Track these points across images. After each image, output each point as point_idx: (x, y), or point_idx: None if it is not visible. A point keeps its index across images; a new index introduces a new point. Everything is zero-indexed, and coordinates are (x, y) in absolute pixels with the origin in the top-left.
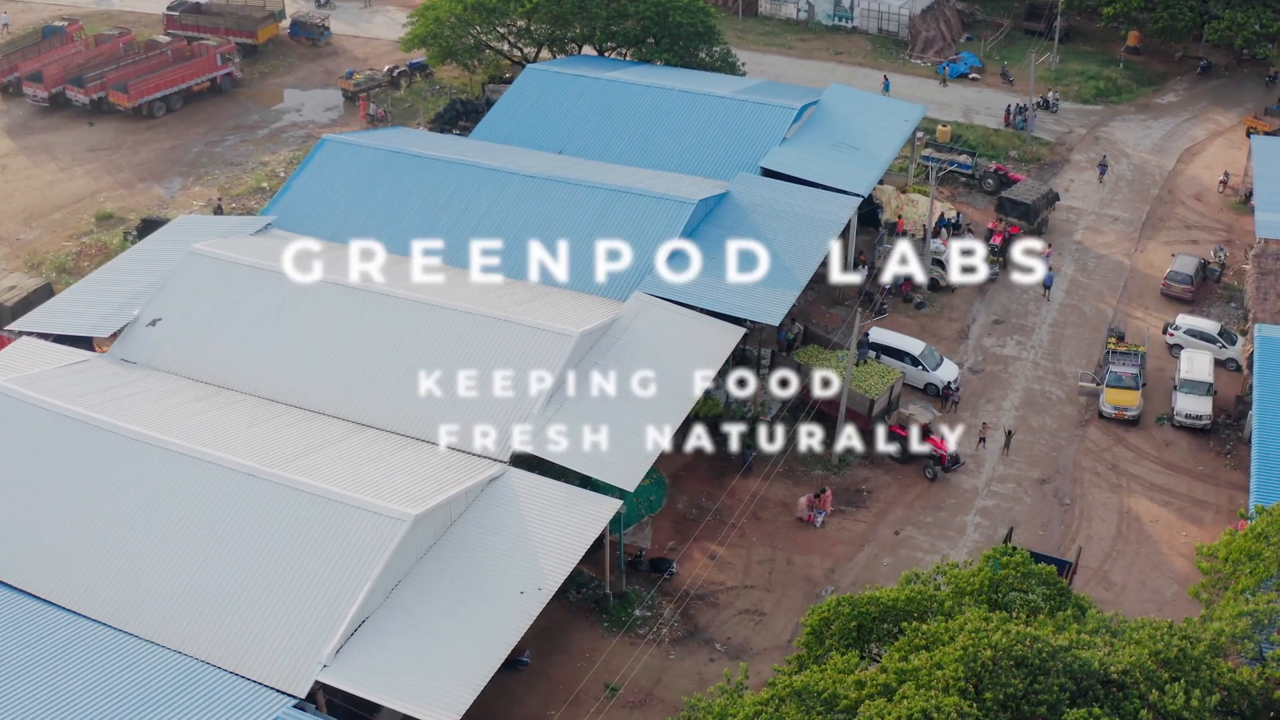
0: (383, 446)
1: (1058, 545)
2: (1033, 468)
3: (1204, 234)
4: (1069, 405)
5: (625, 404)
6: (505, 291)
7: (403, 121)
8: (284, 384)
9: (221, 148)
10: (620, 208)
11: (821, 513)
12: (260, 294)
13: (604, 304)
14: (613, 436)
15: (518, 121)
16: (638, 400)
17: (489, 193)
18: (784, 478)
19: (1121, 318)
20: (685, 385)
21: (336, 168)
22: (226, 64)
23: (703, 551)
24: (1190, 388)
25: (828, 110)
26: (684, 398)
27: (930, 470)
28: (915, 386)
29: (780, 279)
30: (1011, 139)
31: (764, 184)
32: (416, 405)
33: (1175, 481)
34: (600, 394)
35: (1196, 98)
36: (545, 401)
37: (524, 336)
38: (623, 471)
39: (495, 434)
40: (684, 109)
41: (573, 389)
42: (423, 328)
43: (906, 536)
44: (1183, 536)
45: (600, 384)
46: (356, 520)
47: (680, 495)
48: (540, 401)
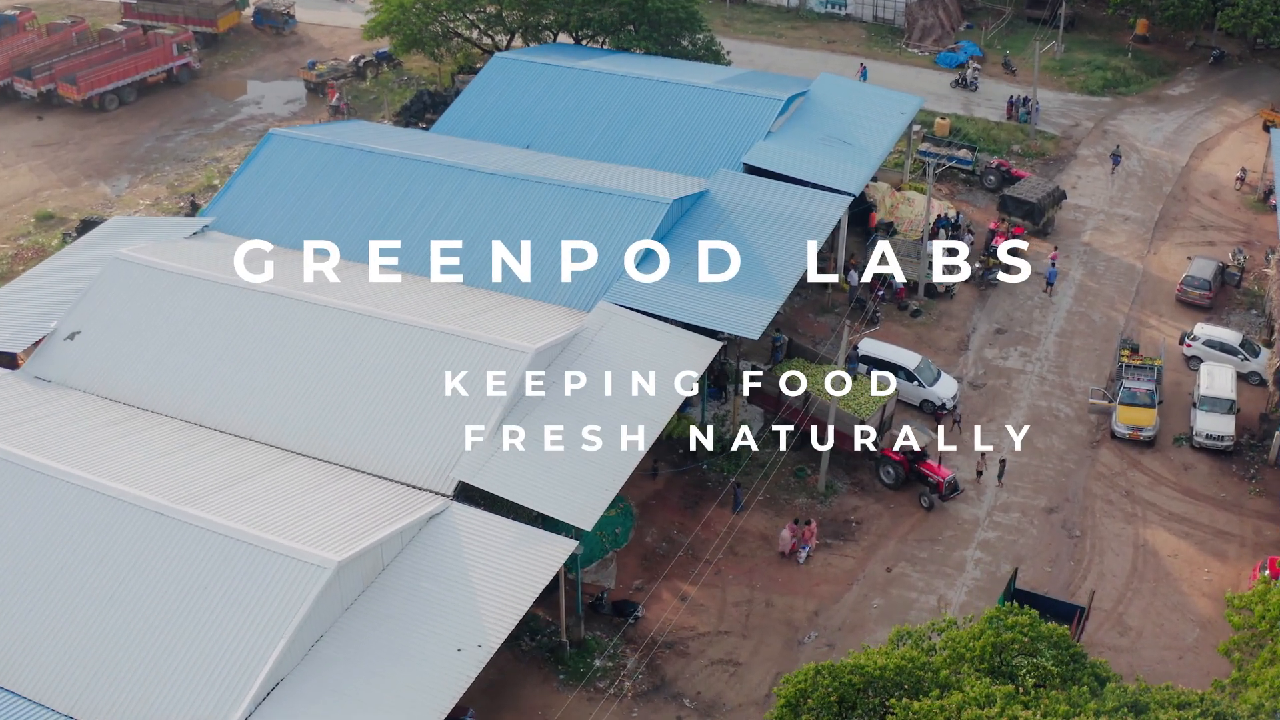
0: (313, 477)
1: (1067, 584)
2: (1039, 495)
3: (1221, 235)
4: (1078, 424)
5: (585, 429)
6: (458, 301)
7: (367, 114)
8: (209, 406)
9: (174, 143)
10: (587, 208)
11: (806, 547)
12: (187, 304)
13: (566, 315)
14: (570, 467)
15: (483, 114)
16: (600, 424)
17: (445, 192)
18: (764, 507)
19: (1134, 326)
20: (654, 407)
21: (283, 164)
22: (183, 54)
23: (673, 592)
24: (1211, 405)
25: (817, 102)
26: (652, 421)
27: (926, 499)
28: (910, 404)
29: (761, 286)
30: (1014, 132)
31: (746, 181)
32: (353, 430)
33: (1195, 510)
34: (557, 418)
35: (1209, 89)
36: (495, 427)
37: (474, 352)
38: (580, 507)
39: (438, 463)
40: (661, 100)
41: (526, 412)
42: (364, 342)
43: (900, 574)
44: (1204, 574)
45: (558, 406)
46: (272, 567)
47: (649, 527)
48: (489, 427)
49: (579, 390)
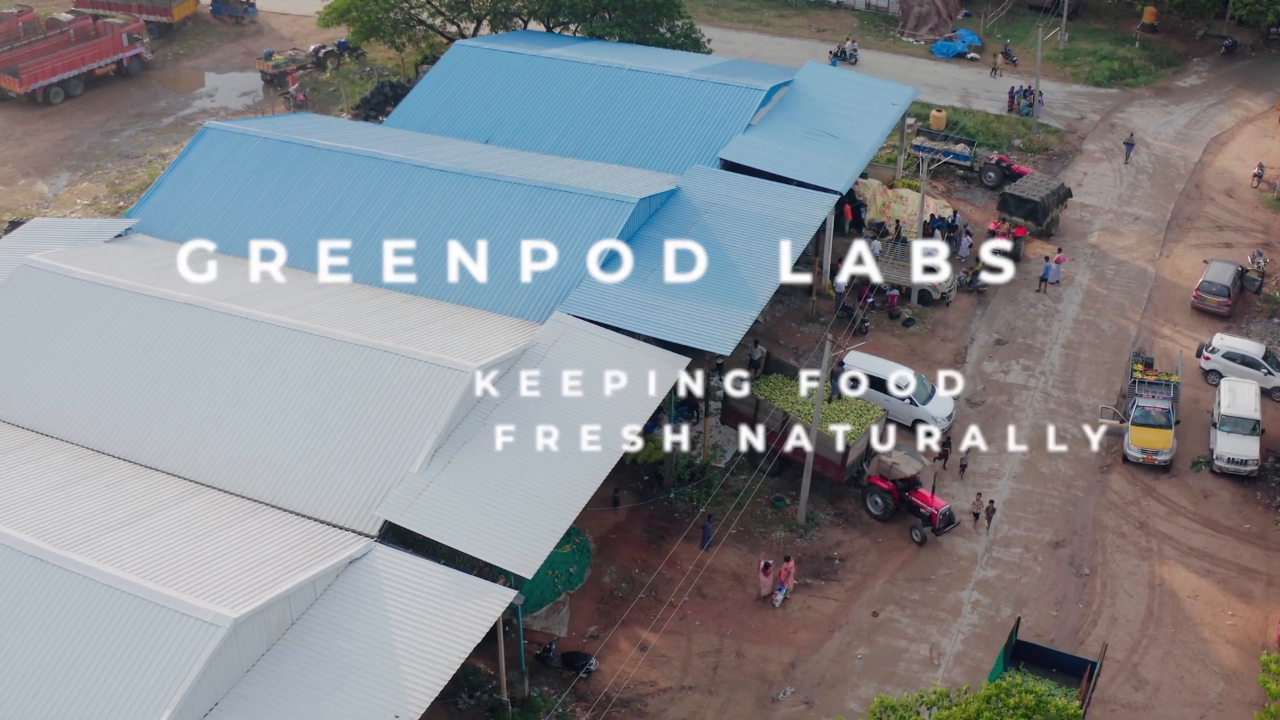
0: (222, 515)
1: (1075, 629)
2: (1043, 527)
3: (1238, 236)
4: (1087, 446)
5: (532, 459)
6: (399, 312)
7: (326, 107)
8: (114, 431)
9: (119, 138)
10: (545, 208)
11: (782, 588)
12: (97, 316)
13: (518, 327)
14: (513, 503)
15: (440, 106)
16: (548, 454)
17: (391, 191)
18: (737, 541)
19: (1147, 337)
20: (611, 433)
21: (217, 161)
22: (134, 44)
23: (631, 640)
24: (1233, 425)
25: (802, 92)
26: (607, 449)
27: (918, 533)
28: (902, 424)
29: (736, 295)
30: (1016, 126)
31: (722, 179)
32: (271, 460)
33: (1217, 544)
34: (501, 447)
35: (1222, 80)
36: (428, 457)
37: (409, 372)
38: (521, 551)
39: (362, 500)
40: (633, 91)
41: (465, 440)
42: (288, 359)
43: (887, 619)
44: (1228, 617)
45: (502, 433)
46: (160, 624)
47: (608, 565)
48: (422, 457)
49: (528, 413)
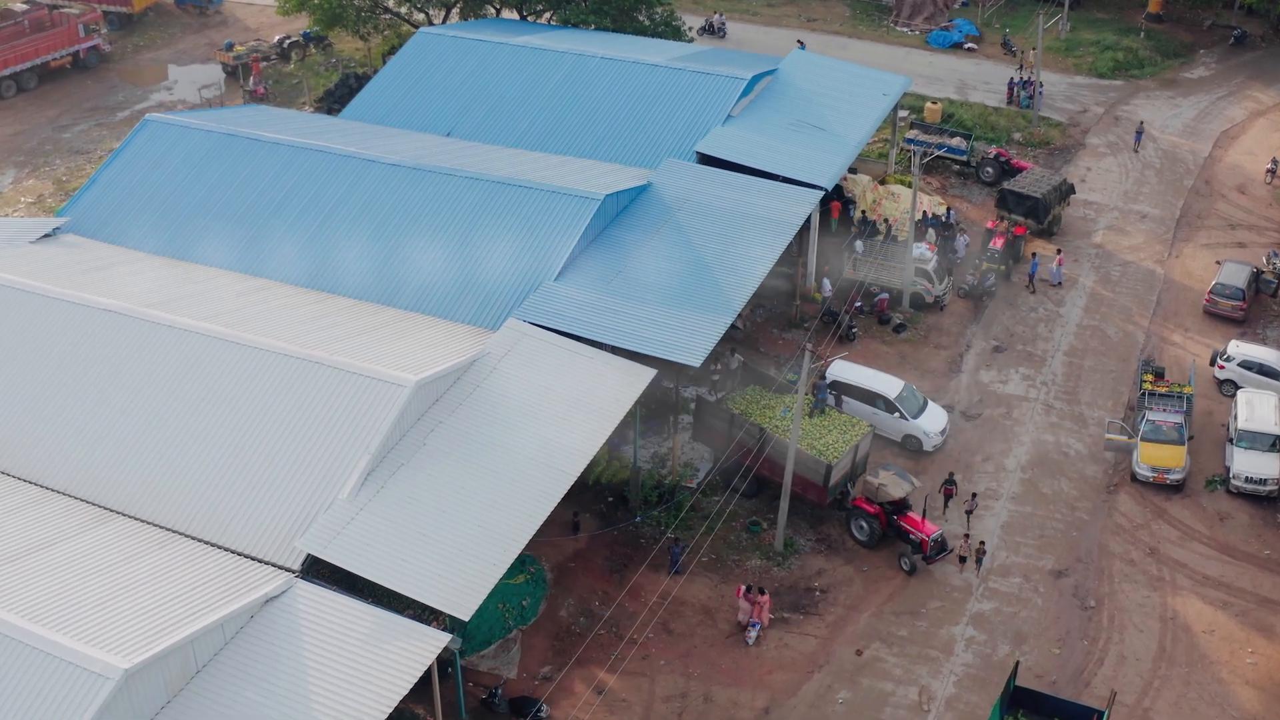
0: (130, 546)
1: (1079, 670)
2: (1045, 554)
3: (1252, 235)
4: (1092, 464)
5: (476, 484)
6: (338, 318)
7: (289, 100)
8: (14, 451)
9: (71, 133)
10: (504, 204)
11: (756, 624)
12: (6, 323)
13: (469, 334)
14: (453, 535)
15: (401, 96)
16: (495, 477)
17: (340, 187)
18: (708, 570)
19: (1156, 344)
20: (566, 455)
21: (156, 155)
22: (91, 35)
23: (588, 682)
24: (1251, 440)
25: (787, 82)
26: (562, 472)
27: (907, 561)
28: (891, 439)
29: (709, 300)
30: (1015, 119)
31: (698, 173)
32: (187, 485)
33: (1235, 572)
34: (442, 469)
35: (1231, 72)
36: (360, 481)
37: (341, 386)
38: (459, 589)
39: (284, 530)
40: (605, 81)
41: (402, 462)
42: (212, 372)
43: (873, 658)
44: (1248, 655)
45: (442, 455)
46: (44, 673)
47: (565, 597)
48: (352, 481)
49: (473, 433)
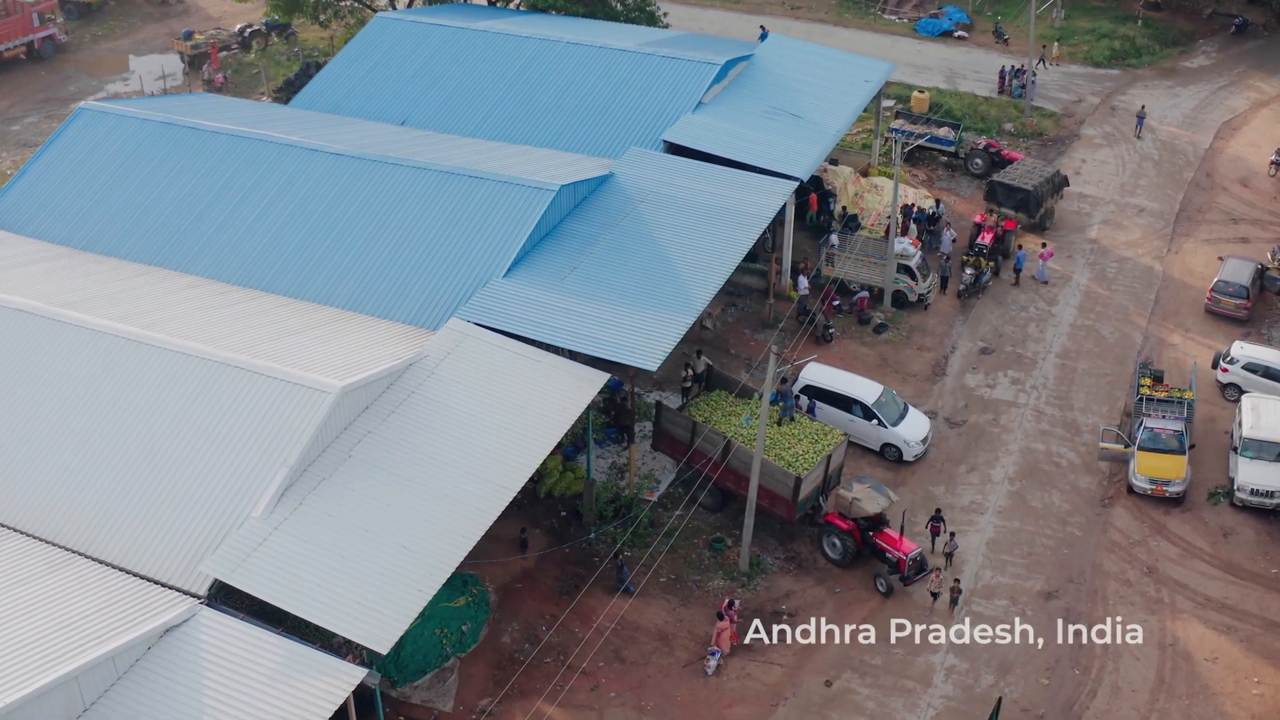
0: (22, 568)
1: (1069, 703)
2: (1033, 573)
3: (1255, 230)
4: (1085, 475)
5: (406, 499)
6: (268, 317)
7: (248, 90)
8: None
9: (20, 125)
10: (453, 196)
11: (716, 652)
12: None
13: (408, 335)
14: (377, 557)
15: (355, 84)
16: (427, 492)
17: (280, 177)
18: (667, 592)
19: (1154, 345)
20: (505, 468)
21: (91, 145)
22: (46, 25)
23: (529, 715)
24: (1257, 449)
25: (763, 68)
26: (500, 486)
27: (883, 581)
28: (870, 448)
29: (670, 299)
30: (1007, 108)
31: (664, 163)
32: (90, 500)
33: (1240, 593)
34: (366, 486)
35: (1232, 61)
36: (276, 498)
37: (260, 392)
38: (377, 619)
39: (190, 551)
40: (570, 67)
41: (325, 476)
42: (122, 376)
43: (843, 690)
44: (1253, 685)
45: (369, 468)
46: None
47: (510, 621)
48: (267, 498)
49: (404, 444)
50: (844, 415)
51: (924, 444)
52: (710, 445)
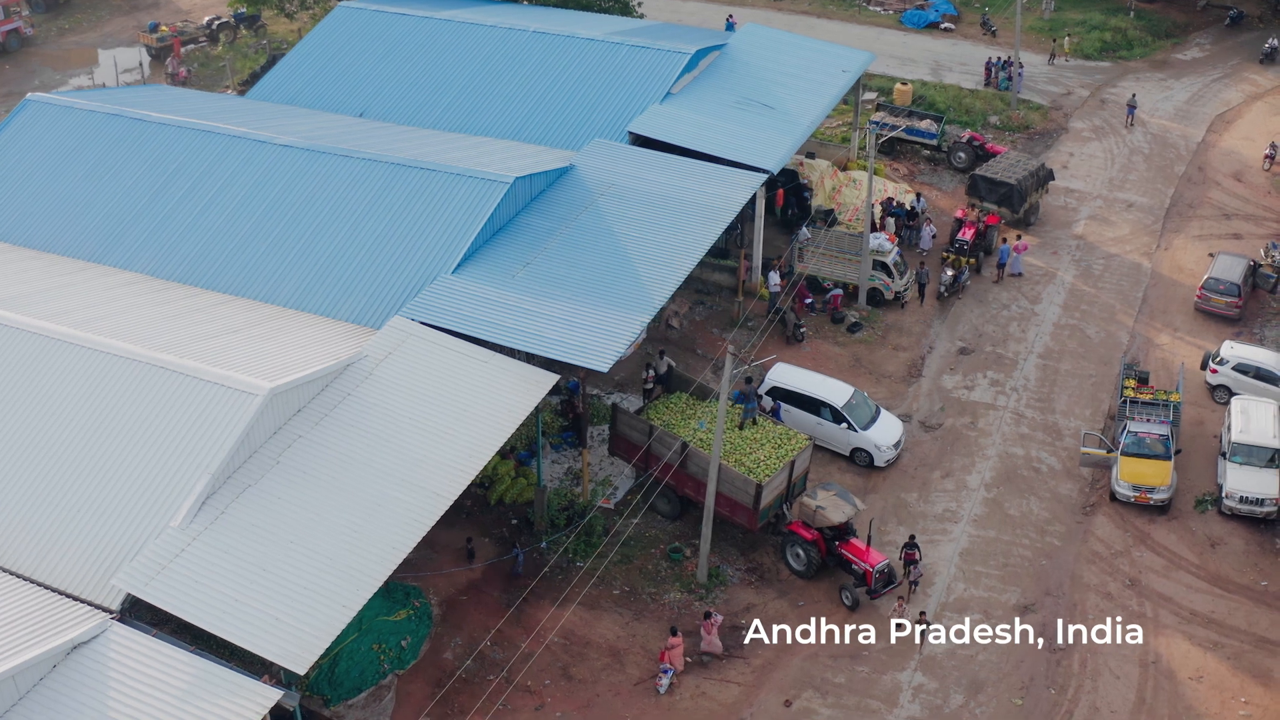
0: None
1: None
2: (1008, 586)
3: (1249, 225)
4: (1066, 481)
5: (335, 509)
6: (205, 316)
7: (214, 83)
8: None
9: None
10: (403, 188)
11: (669, 670)
12: None
13: (348, 334)
14: (299, 570)
15: (313, 75)
16: (357, 501)
17: (225, 169)
18: (619, 606)
19: (1141, 345)
20: (444, 475)
21: (35, 138)
22: (11, 18)
23: None
24: (1246, 455)
25: (736, 58)
26: (436, 494)
27: (848, 594)
28: (839, 453)
29: (627, 296)
30: (992, 101)
31: (627, 155)
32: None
33: (1227, 607)
34: (294, 494)
35: (1226, 53)
36: (196, 506)
37: (186, 394)
38: (296, 637)
39: (106, 562)
40: (535, 57)
41: (250, 483)
42: (40, 377)
43: (804, 710)
44: (1241, 705)
45: (298, 475)
46: None
47: (453, 635)
48: (187, 506)
49: (337, 449)
50: (812, 418)
51: (896, 449)
52: (667, 449)
